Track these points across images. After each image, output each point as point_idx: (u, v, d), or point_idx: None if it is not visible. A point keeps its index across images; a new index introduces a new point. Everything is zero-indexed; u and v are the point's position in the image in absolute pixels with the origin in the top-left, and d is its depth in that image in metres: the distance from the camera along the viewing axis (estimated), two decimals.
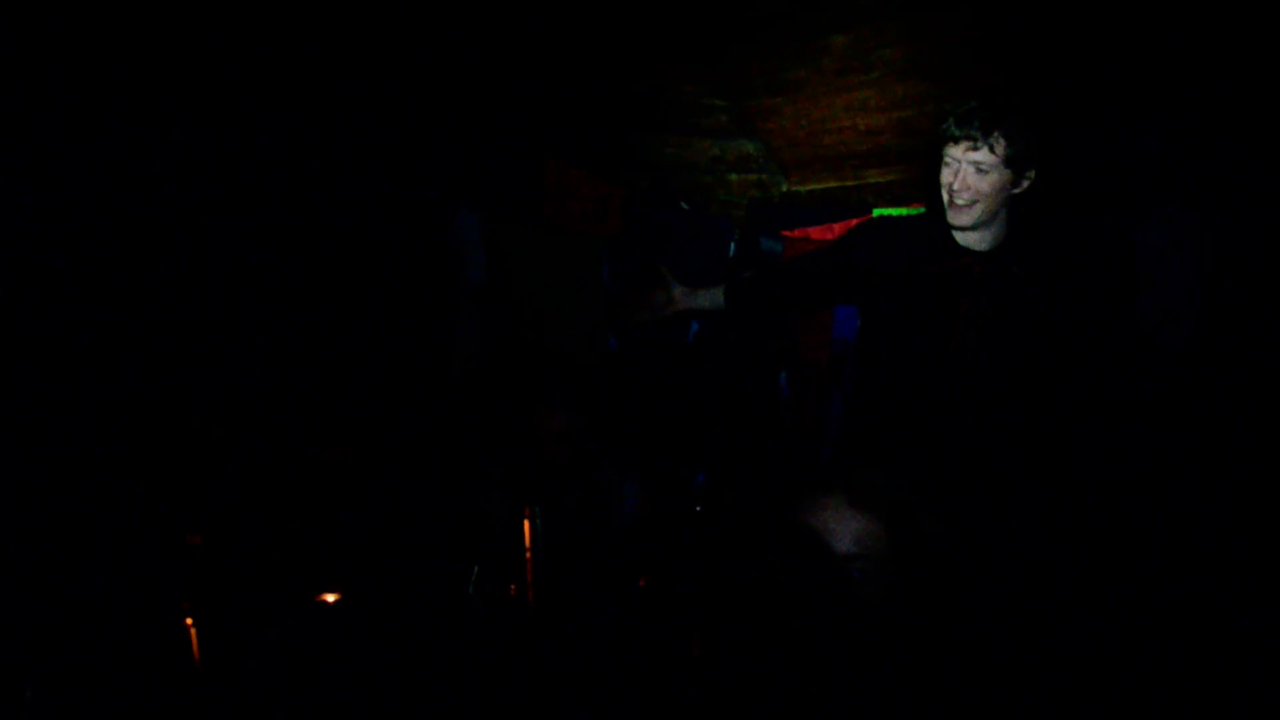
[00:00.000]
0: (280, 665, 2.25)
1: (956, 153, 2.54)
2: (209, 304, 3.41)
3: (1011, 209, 2.66)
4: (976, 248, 2.68)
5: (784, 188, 4.11)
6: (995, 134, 2.48)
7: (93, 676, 2.06)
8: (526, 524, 2.17)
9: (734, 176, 4.14)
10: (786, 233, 4.17)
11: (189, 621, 2.03)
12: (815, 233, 4.14)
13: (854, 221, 4.08)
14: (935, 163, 2.63)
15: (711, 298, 3.16)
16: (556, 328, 4.21)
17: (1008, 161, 2.51)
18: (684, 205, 4.27)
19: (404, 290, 3.95)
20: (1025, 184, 2.58)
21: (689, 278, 4.14)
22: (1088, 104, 3.21)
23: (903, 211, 4.01)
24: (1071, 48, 3.02)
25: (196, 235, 3.38)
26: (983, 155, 2.51)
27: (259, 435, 3.10)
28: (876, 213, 4.02)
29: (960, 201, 2.56)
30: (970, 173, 2.53)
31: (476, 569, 2.50)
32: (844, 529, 1.96)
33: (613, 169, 4.15)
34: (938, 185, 2.64)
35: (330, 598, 2.39)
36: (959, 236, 2.70)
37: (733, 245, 4.27)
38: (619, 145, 4.08)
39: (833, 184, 4.04)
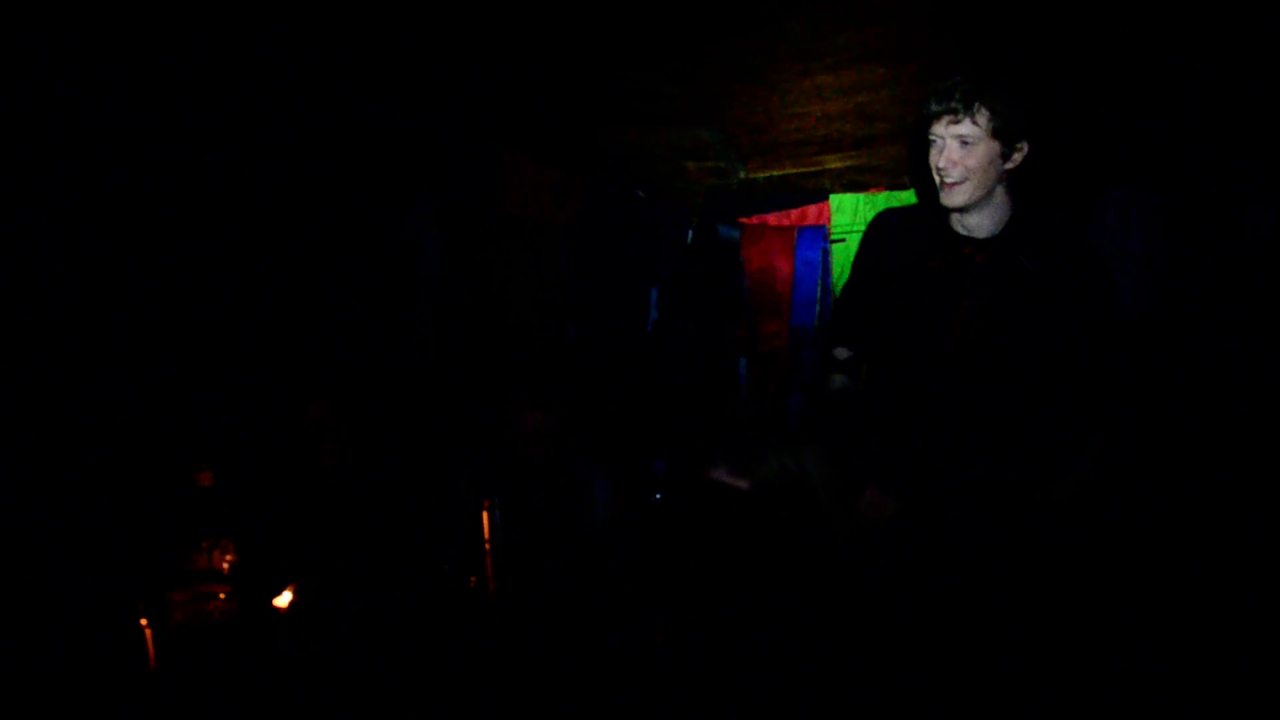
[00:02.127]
0: (240, 662, 2.21)
1: (940, 129, 2.47)
2: (153, 300, 3.34)
3: (1012, 189, 2.56)
4: (977, 235, 2.58)
5: (742, 174, 4.11)
6: (977, 105, 2.41)
7: (48, 680, 2.01)
8: (485, 516, 2.15)
9: (691, 164, 4.13)
10: (744, 219, 4.17)
11: (144, 623, 1.99)
12: (773, 219, 4.15)
13: (811, 208, 4.10)
14: (924, 146, 2.55)
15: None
16: (515, 317, 4.18)
17: (994, 133, 2.43)
18: (640, 193, 4.26)
19: (360, 282, 3.90)
20: (1018, 156, 2.49)
21: (646, 265, 4.15)
22: (1047, 86, 3.23)
23: (861, 196, 4.04)
24: (1030, 29, 3.04)
25: (135, 226, 3.30)
26: (966, 128, 2.43)
27: (211, 430, 3.04)
28: (834, 211, 4.04)
29: (950, 179, 2.47)
30: (955, 147, 2.45)
31: (446, 564, 2.49)
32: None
33: (570, 158, 4.12)
34: (929, 171, 2.55)
35: (287, 598, 2.35)
36: (957, 224, 2.60)
37: (690, 233, 4.27)
38: (576, 134, 4.05)
39: (791, 170, 4.05)
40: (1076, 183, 3.44)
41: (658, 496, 3.36)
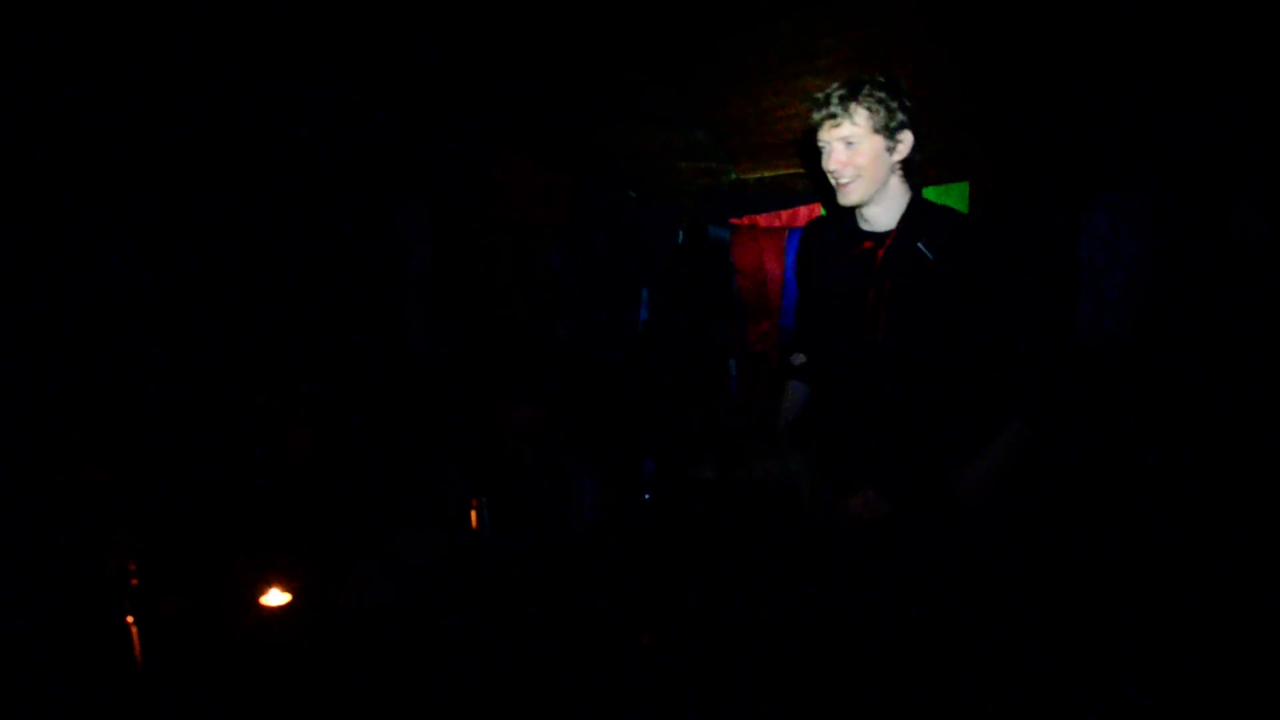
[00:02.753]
0: (228, 658, 2.21)
1: (825, 135, 2.59)
2: (141, 294, 3.33)
3: (907, 178, 2.66)
4: (878, 228, 2.69)
5: (733, 175, 4.11)
6: (853, 106, 2.53)
7: (34, 677, 2.01)
8: (474, 514, 2.15)
9: (683, 164, 4.13)
10: (735, 220, 4.18)
11: (130, 620, 1.99)
12: (763, 220, 4.15)
13: (802, 209, 4.11)
14: (817, 155, 2.66)
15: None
16: (504, 316, 4.19)
17: (875, 129, 2.55)
18: (632, 194, 4.26)
19: (351, 282, 3.90)
20: (903, 147, 2.59)
21: (637, 265, 4.15)
22: (1041, 88, 3.25)
23: None
24: (1020, 31, 3.05)
25: (132, 224, 3.30)
26: (847, 129, 2.55)
27: (205, 428, 3.04)
28: (825, 213, 4.04)
29: (843, 180, 2.59)
30: (841, 149, 2.57)
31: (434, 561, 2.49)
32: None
33: (561, 158, 4.12)
34: (826, 178, 2.66)
35: (283, 596, 2.35)
36: (860, 219, 2.71)
37: (681, 233, 4.28)
38: (567, 134, 4.06)
39: (782, 171, 4.05)
40: (1066, 186, 3.45)
41: (647, 496, 3.36)
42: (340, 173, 3.82)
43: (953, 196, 3.83)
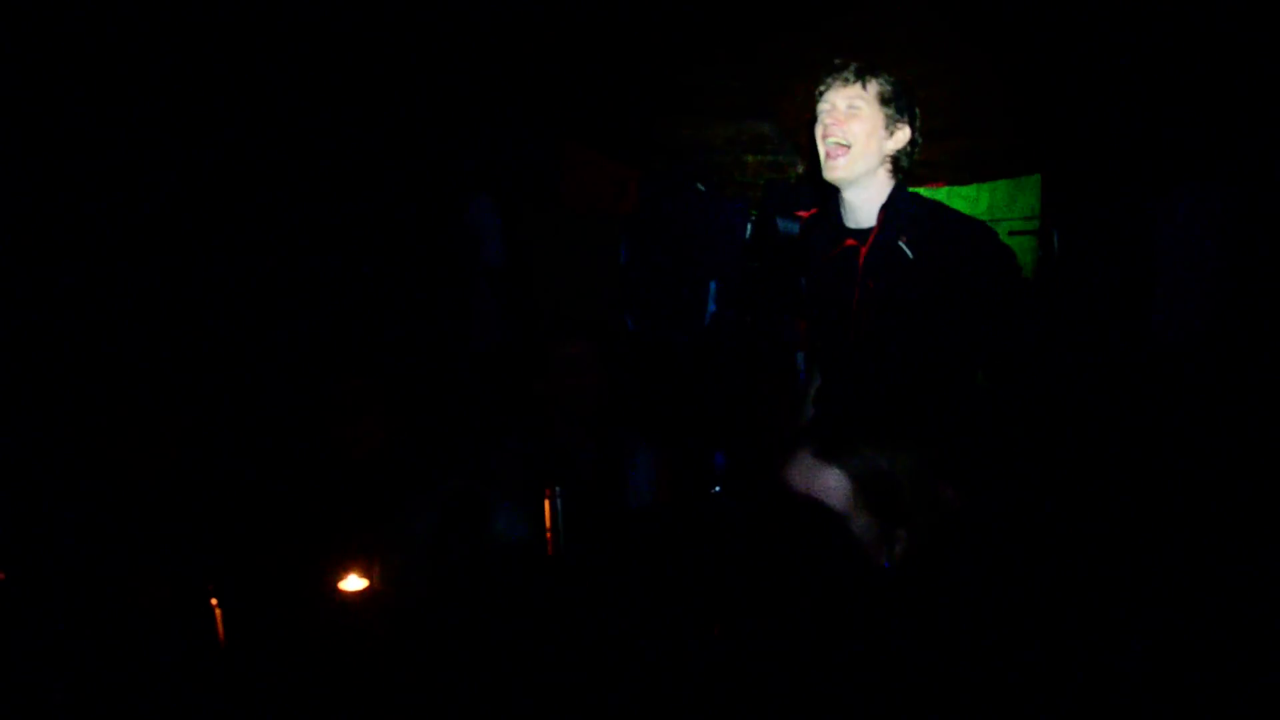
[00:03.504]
0: (304, 647, 2.27)
1: (831, 96, 2.54)
2: (228, 294, 3.44)
3: (894, 173, 2.61)
4: (860, 224, 2.63)
5: (800, 168, 4.11)
6: (867, 77, 2.51)
7: (119, 660, 2.09)
8: (547, 504, 2.17)
9: (750, 158, 4.14)
10: (801, 213, 4.17)
11: (214, 603, 2.06)
12: None
13: None
14: (812, 123, 2.61)
15: None
16: (573, 309, 4.23)
17: (881, 99, 2.52)
18: (700, 186, 4.27)
19: (422, 274, 3.97)
20: (900, 136, 2.56)
21: (705, 258, 4.16)
22: (1116, 80, 3.19)
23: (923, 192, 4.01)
24: (1093, 21, 3.00)
25: (222, 225, 3.41)
26: (855, 91, 2.51)
27: (280, 420, 3.13)
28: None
29: (832, 141, 2.53)
30: (843, 110, 2.52)
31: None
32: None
33: (629, 151, 4.15)
34: (818, 156, 2.61)
35: (361, 582, 2.41)
36: (844, 211, 2.65)
37: (749, 226, 4.28)
38: (635, 127, 4.08)
39: None
40: (1142, 178, 3.37)
41: (717, 489, 3.36)
42: (412, 167, 3.89)
43: (1026, 190, 3.78)
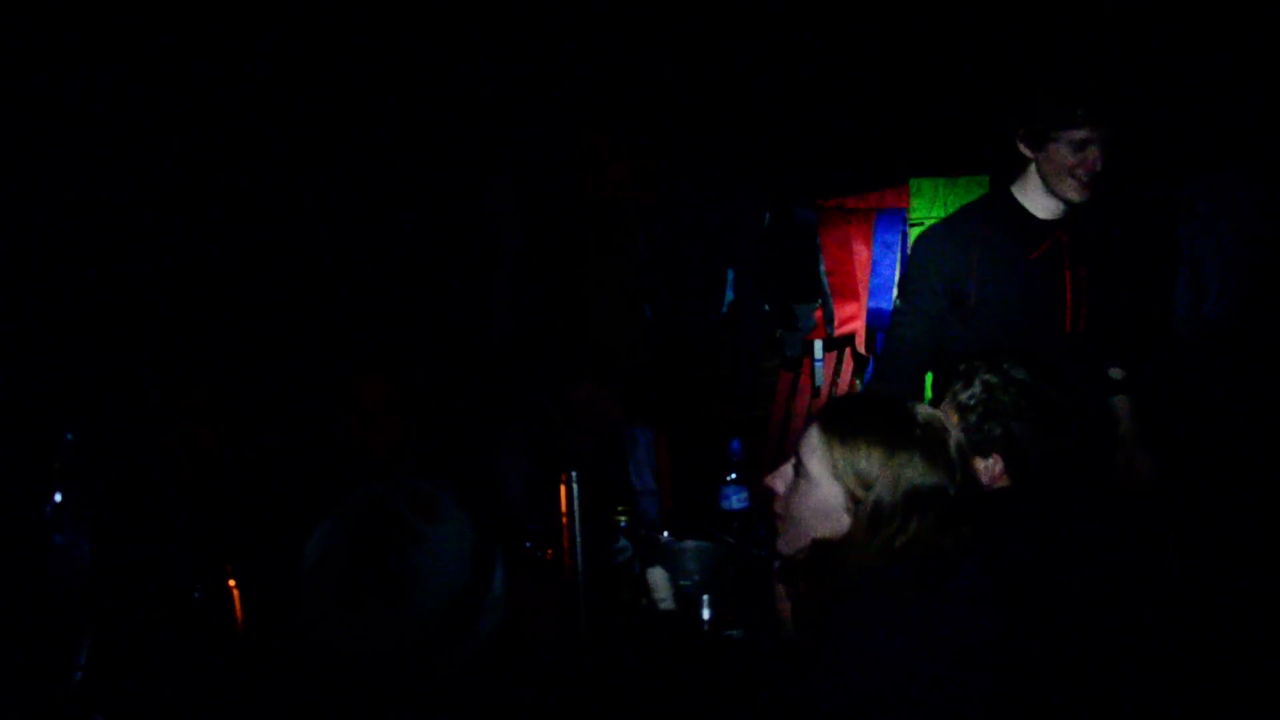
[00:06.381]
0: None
1: (1088, 134, 2.54)
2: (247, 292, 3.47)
3: None
4: (1054, 215, 2.69)
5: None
6: (1109, 117, 2.54)
7: (137, 643, 2.09)
8: (563, 489, 2.17)
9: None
10: (821, 201, 4.15)
11: (232, 584, 2.07)
12: (850, 201, 4.12)
13: (890, 191, 4.06)
14: (1041, 141, 2.60)
15: None
16: (592, 296, 4.22)
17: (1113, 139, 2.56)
18: (719, 174, 4.25)
19: (442, 258, 3.96)
20: None
21: (723, 246, 4.13)
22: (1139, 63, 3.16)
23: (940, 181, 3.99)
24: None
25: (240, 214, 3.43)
26: (1104, 132, 2.53)
27: (302, 419, 3.15)
28: (913, 195, 3.99)
29: (1086, 178, 2.56)
30: (1095, 153, 2.53)
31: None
32: None
33: (650, 139, 4.13)
34: (1037, 166, 2.64)
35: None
36: (1036, 210, 2.70)
37: (767, 215, 4.25)
38: (656, 114, 4.06)
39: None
40: (1162, 167, 3.34)
41: (733, 476, 3.34)
42: (430, 153, 3.88)
43: None
